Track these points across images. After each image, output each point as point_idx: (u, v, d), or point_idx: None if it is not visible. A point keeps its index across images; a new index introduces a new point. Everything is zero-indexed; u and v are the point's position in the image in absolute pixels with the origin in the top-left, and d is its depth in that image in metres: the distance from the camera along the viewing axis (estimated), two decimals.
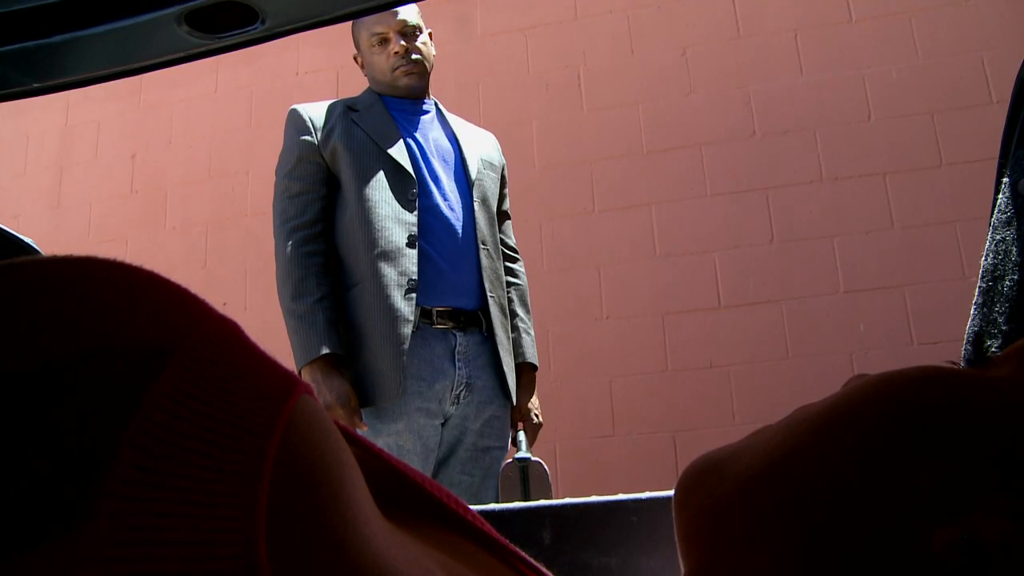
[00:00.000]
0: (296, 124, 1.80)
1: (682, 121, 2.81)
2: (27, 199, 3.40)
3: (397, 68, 1.80)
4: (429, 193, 1.74)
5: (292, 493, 0.22)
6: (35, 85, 0.85)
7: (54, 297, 0.22)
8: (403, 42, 1.79)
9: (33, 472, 0.19)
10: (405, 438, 1.63)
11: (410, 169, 1.73)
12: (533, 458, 1.68)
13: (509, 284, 1.89)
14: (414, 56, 1.81)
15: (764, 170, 2.72)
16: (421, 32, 1.84)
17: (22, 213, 3.37)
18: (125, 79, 0.87)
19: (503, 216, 1.96)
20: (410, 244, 1.68)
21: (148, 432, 0.20)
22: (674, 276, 2.71)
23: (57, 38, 0.77)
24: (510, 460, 1.71)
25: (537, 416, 1.85)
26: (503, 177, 1.95)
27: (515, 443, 1.80)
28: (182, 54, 0.81)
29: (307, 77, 3.17)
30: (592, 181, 2.84)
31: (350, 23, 1.84)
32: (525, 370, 1.85)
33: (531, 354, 1.86)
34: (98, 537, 0.19)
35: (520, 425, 1.83)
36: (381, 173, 1.72)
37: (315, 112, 1.80)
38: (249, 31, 0.78)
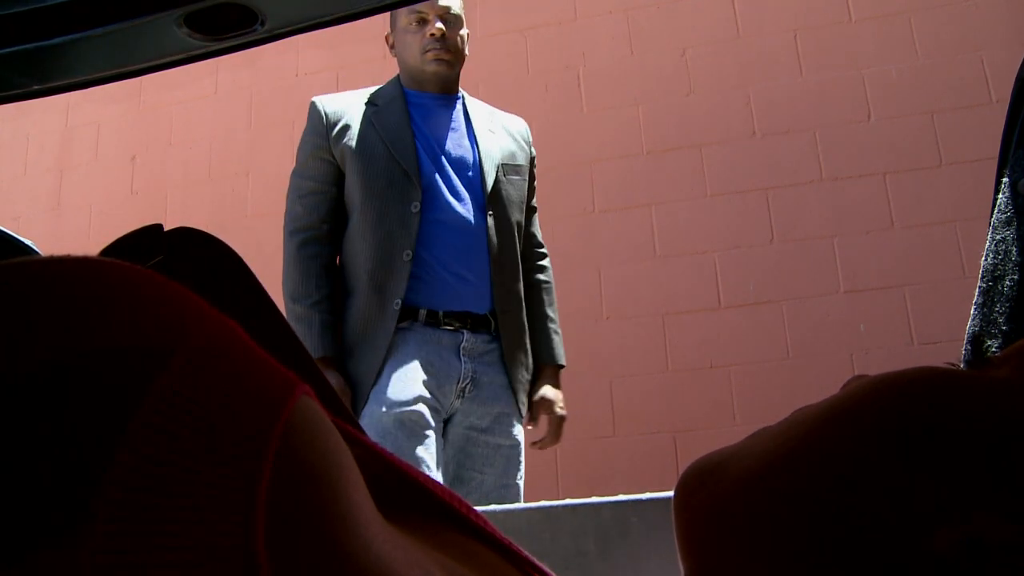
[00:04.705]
0: (311, 119, 1.75)
1: (682, 121, 2.81)
2: (27, 201, 3.40)
3: (428, 50, 1.71)
4: (437, 204, 1.68)
5: (291, 496, 0.21)
6: (35, 87, 0.85)
7: (51, 297, 0.22)
8: (440, 25, 1.71)
9: (30, 476, 0.19)
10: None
11: (416, 179, 1.66)
12: None
13: (537, 283, 1.84)
14: (449, 43, 1.73)
15: (764, 170, 2.71)
16: (462, 26, 1.77)
17: (22, 215, 3.37)
18: (125, 81, 0.87)
19: (531, 211, 1.89)
20: (405, 263, 1.63)
21: (146, 434, 0.20)
22: (674, 276, 2.70)
23: (57, 40, 0.77)
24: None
25: (561, 409, 1.77)
26: (532, 171, 1.89)
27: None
28: (182, 56, 0.81)
29: (307, 78, 3.17)
30: (592, 181, 2.83)
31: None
32: (551, 370, 1.79)
33: (559, 354, 1.81)
34: (96, 541, 0.18)
35: (541, 418, 1.77)
36: (387, 181, 1.67)
37: (332, 106, 1.74)
38: (249, 33, 0.78)
